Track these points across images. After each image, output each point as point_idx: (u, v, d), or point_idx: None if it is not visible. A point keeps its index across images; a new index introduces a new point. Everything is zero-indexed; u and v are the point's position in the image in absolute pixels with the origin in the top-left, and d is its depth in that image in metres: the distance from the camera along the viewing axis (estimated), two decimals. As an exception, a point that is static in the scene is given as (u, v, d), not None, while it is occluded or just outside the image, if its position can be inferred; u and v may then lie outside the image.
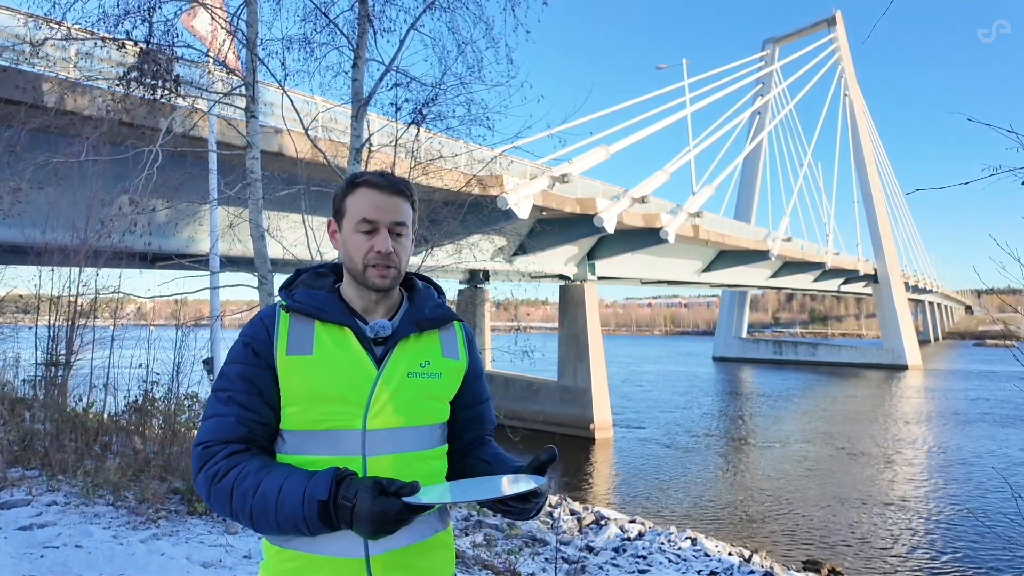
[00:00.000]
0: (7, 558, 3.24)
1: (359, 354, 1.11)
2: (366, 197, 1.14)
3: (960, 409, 23.12)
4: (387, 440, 1.10)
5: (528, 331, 14.08)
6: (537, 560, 5.22)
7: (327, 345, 1.11)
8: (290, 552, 1.08)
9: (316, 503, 0.97)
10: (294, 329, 1.12)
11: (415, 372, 1.14)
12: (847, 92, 45.17)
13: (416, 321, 1.18)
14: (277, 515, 1.00)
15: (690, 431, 18.93)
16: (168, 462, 4.89)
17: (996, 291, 5.52)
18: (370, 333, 1.13)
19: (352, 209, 1.15)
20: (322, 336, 1.11)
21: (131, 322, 7.96)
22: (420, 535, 1.12)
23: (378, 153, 6.20)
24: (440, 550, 1.16)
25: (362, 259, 1.13)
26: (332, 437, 1.08)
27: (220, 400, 1.11)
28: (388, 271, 1.13)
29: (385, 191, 1.15)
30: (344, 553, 1.05)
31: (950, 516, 10.74)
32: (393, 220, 1.14)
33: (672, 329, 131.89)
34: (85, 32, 5.16)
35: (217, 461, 1.06)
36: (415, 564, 1.11)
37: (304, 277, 1.21)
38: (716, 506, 11.51)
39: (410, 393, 1.13)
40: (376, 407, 1.09)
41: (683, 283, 30.44)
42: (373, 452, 1.08)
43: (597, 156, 17.91)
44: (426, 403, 1.16)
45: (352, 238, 1.14)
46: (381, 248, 1.12)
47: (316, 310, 1.12)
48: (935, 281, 69.12)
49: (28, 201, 5.94)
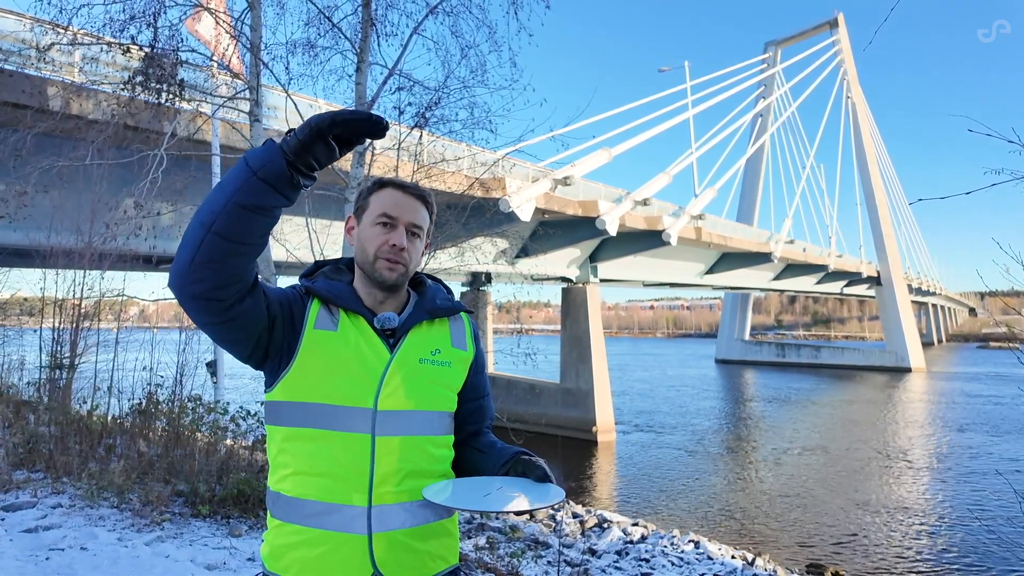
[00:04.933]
0: (12, 560, 3.26)
1: (375, 339, 1.15)
2: (390, 195, 1.19)
3: (964, 412, 23.03)
4: (397, 421, 1.12)
5: (530, 333, 14.11)
6: (540, 563, 5.22)
7: (348, 327, 1.15)
8: (293, 527, 1.09)
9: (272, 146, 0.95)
10: (322, 309, 1.17)
11: (426, 359, 1.18)
12: (849, 94, 45.13)
13: (428, 310, 1.22)
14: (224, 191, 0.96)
15: (693, 434, 18.90)
16: (172, 464, 4.90)
17: (999, 293, 5.47)
18: (377, 324, 1.16)
19: (374, 204, 1.19)
20: (344, 319, 1.16)
21: (135, 325, 7.99)
22: (424, 519, 1.13)
23: (381, 156, 6.22)
24: (443, 537, 1.18)
25: (375, 250, 1.17)
26: (342, 413, 1.10)
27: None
28: (397, 265, 1.17)
29: (409, 193, 1.20)
30: (347, 529, 1.06)
31: (954, 520, 10.70)
32: (411, 220, 1.19)
33: (674, 331, 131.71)
34: (91, 37, 5.19)
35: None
36: (417, 547, 1.12)
37: (325, 269, 1.26)
38: (719, 509, 11.48)
39: (421, 378, 1.16)
40: (388, 388, 1.12)
41: (685, 285, 30.41)
42: (382, 432, 1.10)
43: (599, 159, 17.93)
44: (436, 389, 1.19)
45: (369, 231, 1.18)
46: (396, 242, 1.16)
47: (335, 297, 1.16)
48: (938, 283, 68.97)
49: (33, 204, 5.97)
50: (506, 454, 1.19)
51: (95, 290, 6.61)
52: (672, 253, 22.91)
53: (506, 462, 1.16)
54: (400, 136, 5.96)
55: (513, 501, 1.02)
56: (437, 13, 5.77)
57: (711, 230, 22.58)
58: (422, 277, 1.32)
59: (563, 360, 20.32)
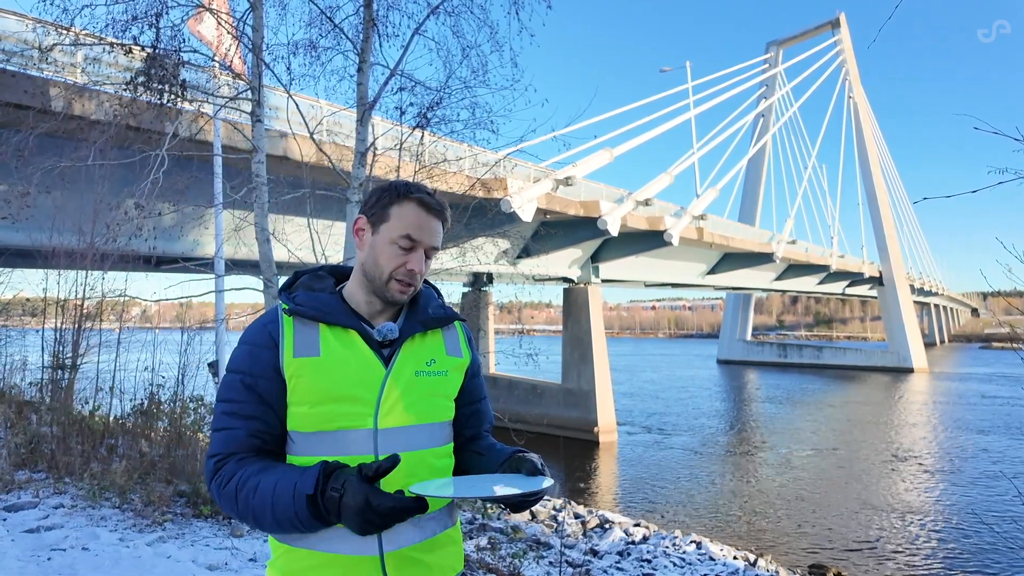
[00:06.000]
0: (14, 560, 3.26)
1: (367, 354, 1.12)
2: (414, 214, 1.14)
3: (967, 413, 22.98)
4: (399, 439, 1.10)
5: (532, 334, 14.11)
6: (541, 564, 5.21)
7: (334, 347, 1.11)
8: (303, 551, 1.07)
9: (304, 498, 0.97)
10: (299, 332, 1.11)
11: (422, 371, 1.15)
12: (851, 94, 45.08)
13: (421, 321, 1.19)
14: (274, 513, 1.00)
15: (694, 434, 18.88)
16: (173, 465, 4.90)
17: (1002, 293, 5.44)
18: (379, 337, 1.13)
19: (396, 220, 1.14)
20: (328, 338, 1.11)
21: (136, 325, 8.00)
22: (431, 532, 1.13)
23: (383, 157, 6.23)
24: (449, 546, 1.18)
25: (391, 271, 1.13)
26: (343, 437, 1.08)
27: (227, 412, 1.10)
28: (409, 288, 1.15)
29: (432, 213, 1.15)
30: (359, 551, 1.05)
31: (958, 521, 10.67)
32: (431, 244, 1.16)
33: (676, 332, 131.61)
34: (93, 37, 5.20)
35: (226, 469, 1.08)
36: (427, 561, 1.11)
37: (303, 279, 1.20)
38: (721, 509, 11.46)
39: (419, 392, 1.14)
40: (387, 406, 1.10)
41: (687, 286, 30.38)
42: (386, 451, 1.08)
43: (601, 159, 17.92)
44: (435, 401, 1.17)
45: (387, 248, 1.14)
46: (415, 268, 1.13)
47: (321, 313, 1.12)
48: (940, 283, 68.84)
49: (36, 205, 5.98)
50: (503, 454, 1.19)
51: (97, 290, 6.63)
52: (674, 253, 22.89)
53: (503, 462, 1.16)
54: (402, 136, 5.96)
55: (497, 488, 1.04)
56: (438, 13, 5.77)
57: (713, 230, 22.55)
58: None
59: (564, 360, 20.30)
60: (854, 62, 46.16)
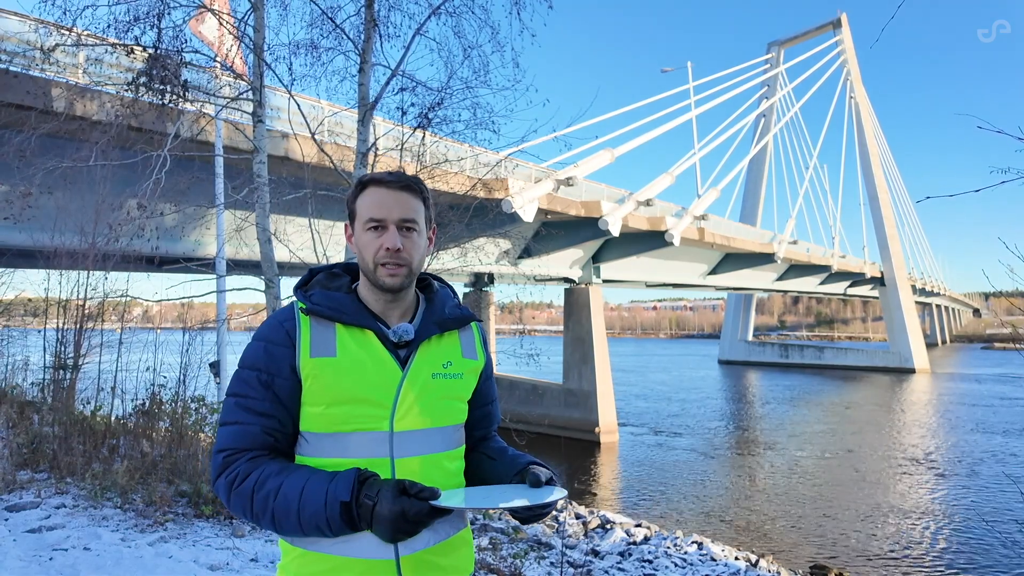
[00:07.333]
0: (16, 560, 3.26)
1: (383, 355, 1.10)
2: (373, 195, 1.13)
3: (969, 413, 22.94)
4: (414, 441, 1.10)
5: (533, 334, 14.11)
6: (543, 564, 5.21)
7: (350, 347, 1.09)
8: (317, 555, 1.06)
9: (339, 504, 0.98)
10: (315, 331, 1.10)
11: (439, 373, 1.14)
12: (853, 94, 45.05)
13: (438, 322, 1.17)
14: (300, 516, 1.00)
15: (696, 435, 18.86)
16: (175, 465, 4.91)
17: (1004, 294, 5.44)
18: (394, 338, 1.12)
19: (361, 209, 1.14)
20: (344, 338, 1.10)
21: (138, 325, 8.00)
22: (445, 534, 1.12)
23: (384, 157, 6.23)
24: (462, 547, 1.17)
25: (372, 258, 1.11)
26: (358, 439, 1.07)
27: (240, 406, 1.09)
28: (399, 269, 1.11)
29: (392, 187, 1.13)
30: (374, 555, 1.05)
31: (960, 522, 10.65)
32: (401, 216, 1.12)
33: (677, 332, 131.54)
34: (95, 38, 5.21)
35: (238, 466, 1.06)
36: (442, 563, 1.11)
37: (319, 277, 1.19)
38: (722, 510, 11.45)
39: (435, 394, 1.13)
40: (403, 409, 1.09)
41: (688, 286, 30.36)
42: (401, 454, 1.08)
43: (602, 159, 17.92)
44: (450, 404, 1.16)
45: (363, 237, 1.13)
46: (389, 244, 1.10)
47: (337, 313, 1.11)
48: (942, 284, 68.72)
49: (38, 205, 5.99)
50: (518, 464, 1.17)
51: (99, 291, 6.62)
52: (675, 254, 22.88)
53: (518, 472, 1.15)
54: (403, 137, 5.96)
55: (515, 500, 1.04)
56: (440, 14, 5.78)
57: (714, 231, 22.53)
58: (429, 280, 1.27)
59: (566, 361, 20.30)
60: (855, 62, 46.12)
